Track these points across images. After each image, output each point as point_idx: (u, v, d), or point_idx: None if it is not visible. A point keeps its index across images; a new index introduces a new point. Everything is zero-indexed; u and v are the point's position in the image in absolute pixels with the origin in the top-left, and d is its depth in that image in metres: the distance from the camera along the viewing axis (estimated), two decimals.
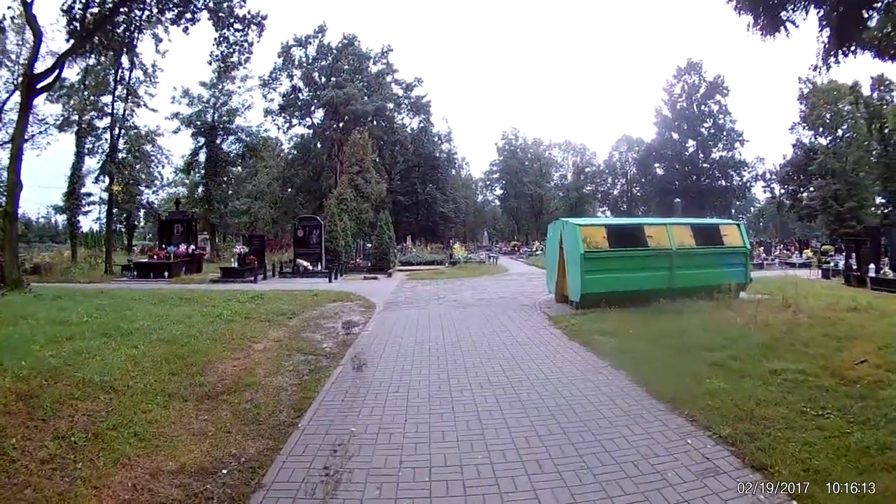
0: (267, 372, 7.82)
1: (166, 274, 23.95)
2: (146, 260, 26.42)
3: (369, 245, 32.81)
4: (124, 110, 31.19)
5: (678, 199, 30.76)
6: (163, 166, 41.98)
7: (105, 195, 35.70)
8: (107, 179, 31.53)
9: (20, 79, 22.15)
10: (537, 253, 42.16)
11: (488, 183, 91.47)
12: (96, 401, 5.92)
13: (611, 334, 9.88)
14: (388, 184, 58.43)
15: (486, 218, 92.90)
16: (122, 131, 31.93)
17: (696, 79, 66.30)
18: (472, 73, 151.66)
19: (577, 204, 76.89)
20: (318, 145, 58.11)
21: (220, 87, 40.20)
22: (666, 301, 12.56)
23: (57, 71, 18.50)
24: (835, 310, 11.58)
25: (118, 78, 30.70)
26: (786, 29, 10.00)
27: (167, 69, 48.62)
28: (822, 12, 9.42)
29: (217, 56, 21.37)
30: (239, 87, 41.72)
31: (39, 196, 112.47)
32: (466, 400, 6.52)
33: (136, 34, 22.66)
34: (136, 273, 24.76)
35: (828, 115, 51.96)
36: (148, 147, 38.76)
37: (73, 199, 33.13)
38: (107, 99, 31.60)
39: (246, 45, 21.03)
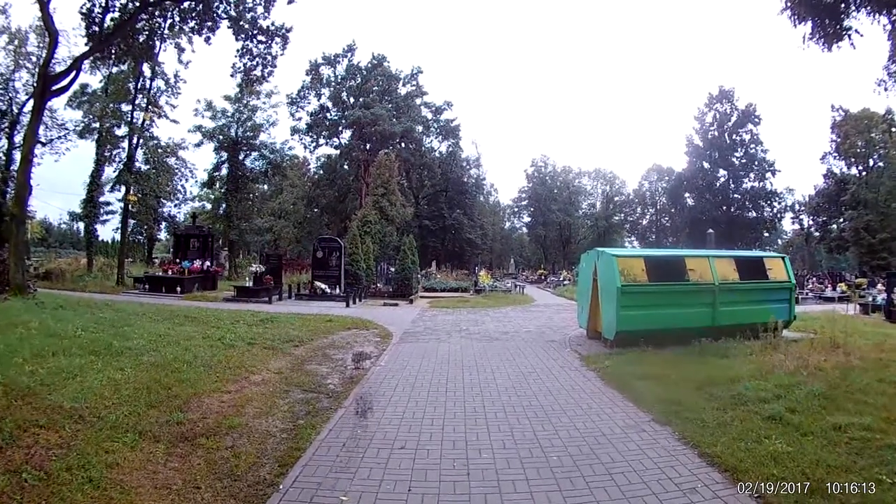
0: (257, 411, 6.88)
1: (178, 289, 23.44)
2: (159, 274, 26.00)
3: (392, 269, 31.88)
4: (143, 120, 30.64)
5: (711, 230, 29.26)
6: (186, 180, 41.58)
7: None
8: (122, 189, 30.97)
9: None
10: (565, 283, 40.82)
11: (516, 210, 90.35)
12: (60, 431, 5.21)
13: (651, 380, 8.74)
14: (415, 208, 57.98)
15: (513, 245, 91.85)
16: (141, 141, 31.38)
17: (727, 107, 64.86)
18: (502, 99, 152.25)
19: (605, 233, 75.29)
20: (346, 167, 57.41)
21: (244, 101, 39.40)
22: (707, 340, 11.47)
23: (73, 74, 18.13)
24: (884, 350, 10.79)
25: (138, 87, 30.42)
26: (849, 38, 9.07)
27: (192, 82, 48.50)
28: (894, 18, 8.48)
29: (240, 68, 20.65)
30: (264, 103, 40.87)
31: (63, 202, 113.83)
32: (485, 464, 5.43)
33: (157, 42, 22.34)
34: (147, 287, 24.35)
35: (860, 144, 50.87)
36: (171, 160, 38.38)
37: (91, 207, 32.27)
38: (128, 108, 31.40)
39: (269, 57, 20.50)
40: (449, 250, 62.70)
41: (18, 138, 30.54)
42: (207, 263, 26.55)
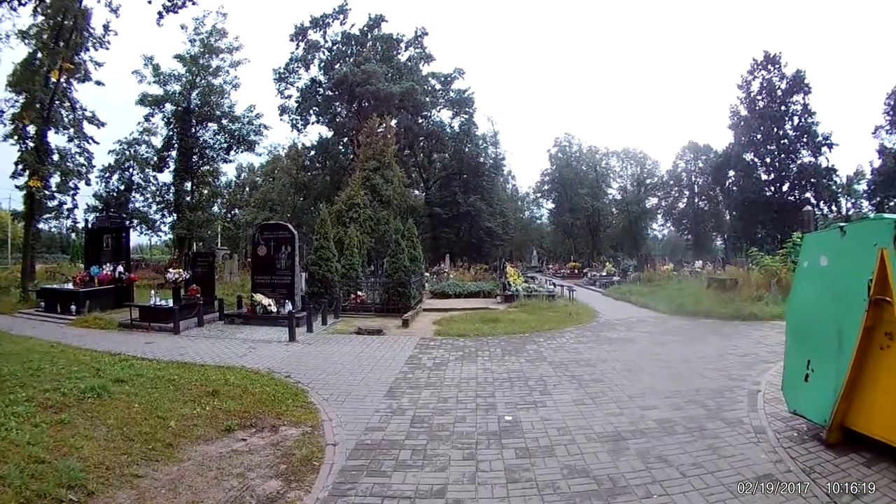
0: None
1: (73, 307, 16.63)
2: (54, 287, 18.93)
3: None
4: (56, 80, 22.91)
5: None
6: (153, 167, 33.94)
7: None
8: (28, 174, 22.91)
9: None
10: (615, 280, 31.21)
11: (538, 196, 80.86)
12: None
13: None
14: (425, 193, 50.65)
15: (533, 235, 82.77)
16: (54, 109, 23.41)
17: (774, 74, 56.69)
18: (517, 78, 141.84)
19: (637, 219, 67.73)
20: (340, 147, 49.65)
21: (202, 62, 31.31)
22: None
23: None
24: None
25: (56, 40, 22.65)
26: None
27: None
28: None
29: None
30: (223, 59, 32.99)
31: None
32: None
33: None
34: (44, 304, 17.83)
35: None
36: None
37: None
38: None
39: None
40: (465, 242, 53.90)
41: None
42: (120, 269, 18.76)
